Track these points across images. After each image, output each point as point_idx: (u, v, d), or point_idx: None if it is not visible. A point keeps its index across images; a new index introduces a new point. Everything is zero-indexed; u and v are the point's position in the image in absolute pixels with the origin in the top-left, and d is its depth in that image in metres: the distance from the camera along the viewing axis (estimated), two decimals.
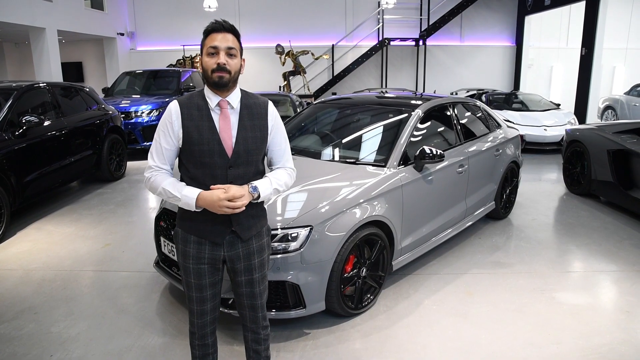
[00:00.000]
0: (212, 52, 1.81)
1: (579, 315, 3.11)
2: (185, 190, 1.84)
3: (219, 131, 1.85)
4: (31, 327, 3.01)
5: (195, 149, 1.83)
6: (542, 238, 4.51)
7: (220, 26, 1.82)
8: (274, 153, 2.02)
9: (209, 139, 1.83)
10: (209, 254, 1.93)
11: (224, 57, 1.80)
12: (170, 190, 1.84)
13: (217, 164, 1.84)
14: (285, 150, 2.05)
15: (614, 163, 5.13)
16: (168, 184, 1.86)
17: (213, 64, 1.80)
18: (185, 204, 1.84)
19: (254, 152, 1.91)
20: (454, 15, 13.83)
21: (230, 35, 1.83)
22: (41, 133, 5.25)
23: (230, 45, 1.81)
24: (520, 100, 10.17)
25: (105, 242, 4.48)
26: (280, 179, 1.99)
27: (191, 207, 1.83)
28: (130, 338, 2.88)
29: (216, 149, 1.83)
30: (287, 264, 2.70)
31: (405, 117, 3.79)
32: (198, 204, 1.82)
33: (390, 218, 3.18)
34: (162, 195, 1.88)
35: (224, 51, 1.81)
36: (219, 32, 1.81)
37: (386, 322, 3.02)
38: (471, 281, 3.59)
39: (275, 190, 1.95)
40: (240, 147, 1.86)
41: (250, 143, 1.89)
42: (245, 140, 1.88)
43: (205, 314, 2.01)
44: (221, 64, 1.79)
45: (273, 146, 2.01)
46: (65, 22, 11.33)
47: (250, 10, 14.37)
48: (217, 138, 1.84)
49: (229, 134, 1.86)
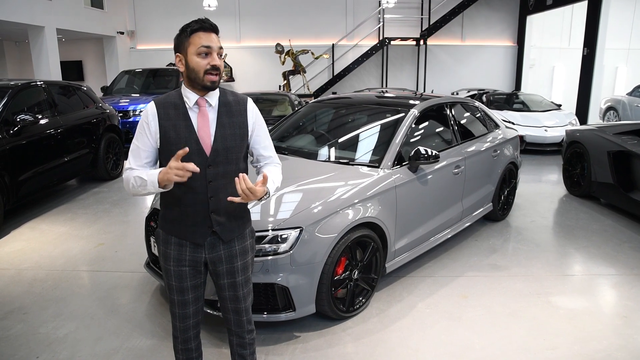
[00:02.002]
0: (205, 52, 1.75)
1: (575, 319, 3.05)
2: (150, 172, 1.74)
3: (197, 130, 1.80)
4: (19, 327, 2.98)
5: (172, 148, 1.77)
6: (540, 240, 4.45)
7: (208, 25, 1.76)
8: (259, 150, 1.98)
9: (186, 138, 1.78)
10: (190, 255, 1.88)
11: (217, 58, 1.76)
12: (139, 175, 1.74)
13: (194, 163, 1.75)
14: (270, 145, 2.02)
15: (615, 165, 5.06)
16: (137, 173, 1.76)
17: (206, 65, 1.74)
18: (152, 185, 1.71)
19: (234, 150, 1.86)
20: (455, 15, 13.76)
21: (215, 34, 1.78)
22: (36, 132, 5.22)
23: (220, 45, 1.78)
24: (521, 100, 10.11)
25: (98, 241, 4.44)
26: (278, 177, 1.97)
27: (156, 187, 1.71)
28: (118, 340, 2.84)
29: (194, 147, 1.78)
30: (277, 266, 2.65)
31: (401, 117, 3.74)
32: (161, 180, 1.68)
33: (383, 220, 3.13)
34: (135, 189, 1.77)
35: (216, 51, 1.76)
36: (208, 32, 1.75)
37: (378, 325, 2.97)
38: (466, 284, 3.54)
39: (276, 189, 1.93)
40: (219, 145, 1.82)
41: (230, 141, 1.84)
42: (224, 138, 1.83)
43: (188, 317, 1.97)
44: (217, 65, 1.75)
45: (257, 143, 1.96)
46: (64, 21, 11.29)
47: (250, 8, 14.32)
48: (195, 137, 1.79)
49: (207, 132, 1.81)
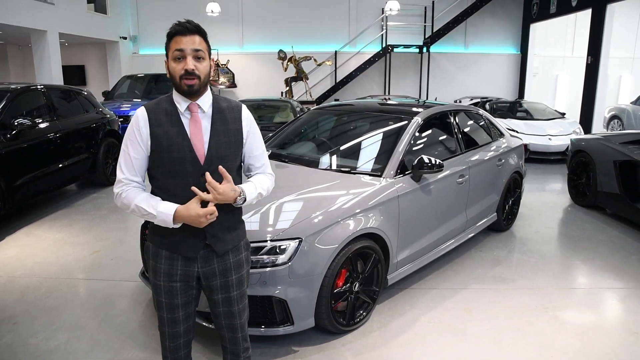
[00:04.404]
0: (178, 57, 1.66)
1: (584, 336, 2.94)
2: (162, 206, 1.68)
3: (190, 136, 1.71)
4: (8, 338, 2.89)
5: (164, 156, 1.70)
6: (545, 252, 4.35)
7: (184, 28, 1.66)
8: (251, 158, 1.89)
9: (179, 145, 1.70)
10: (182, 270, 1.79)
11: (192, 61, 1.66)
12: (144, 207, 1.68)
13: (188, 172, 1.70)
14: (263, 154, 1.93)
15: (621, 174, 4.97)
16: (141, 200, 1.70)
17: (180, 70, 1.66)
18: (162, 222, 1.69)
19: (228, 159, 1.77)
20: (458, 23, 13.72)
21: (197, 36, 1.68)
22: (34, 136, 5.16)
23: (196, 47, 1.66)
24: (524, 109, 10.04)
25: (94, 248, 4.36)
26: (263, 184, 1.88)
27: (168, 225, 1.69)
28: (110, 352, 2.74)
29: (187, 156, 1.70)
30: (275, 278, 2.56)
31: (404, 124, 3.66)
32: (176, 221, 1.68)
33: (385, 230, 3.03)
34: (135, 213, 1.71)
35: (191, 55, 1.66)
36: (183, 35, 1.66)
37: (379, 340, 2.87)
38: (470, 297, 3.43)
39: (259, 195, 1.84)
40: (213, 154, 1.73)
41: (224, 149, 1.76)
42: (219, 146, 1.75)
43: (178, 336, 1.87)
44: (189, 69, 1.65)
45: (250, 152, 1.88)
46: (67, 25, 11.29)
47: (253, 15, 14.32)
48: (189, 144, 1.71)
49: (201, 139, 1.72)
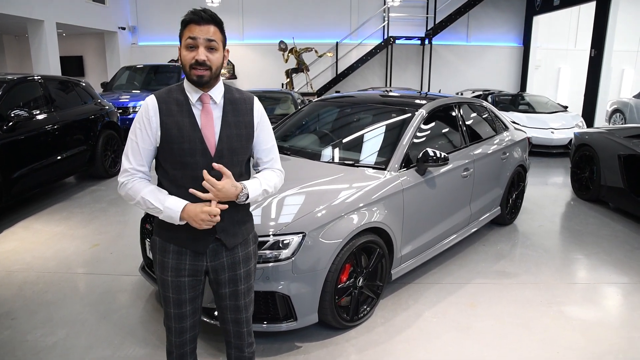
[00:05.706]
0: (190, 45, 1.61)
1: (589, 332, 2.91)
2: (169, 201, 1.63)
3: (201, 128, 1.66)
4: (6, 334, 2.84)
5: (174, 147, 1.64)
6: (548, 246, 4.31)
7: (198, 17, 1.60)
8: (260, 152, 1.83)
9: (190, 137, 1.64)
10: (190, 264, 1.74)
11: (204, 52, 1.60)
12: (150, 200, 1.64)
13: (198, 164, 1.64)
14: (272, 148, 1.87)
15: (625, 168, 4.93)
16: (148, 193, 1.65)
17: (191, 59, 1.61)
18: (168, 217, 1.64)
19: (239, 152, 1.72)
20: (460, 14, 13.60)
21: (212, 26, 1.62)
22: (31, 128, 5.08)
23: (210, 37, 1.61)
24: (526, 101, 9.96)
25: (93, 242, 4.30)
26: (270, 180, 1.81)
27: (174, 221, 1.64)
28: (110, 348, 2.70)
29: (198, 147, 1.65)
30: (278, 274, 2.51)
31: (408, 117, 3.60)
32: (183, 217, 1.63)
33: (389, 225, 2.98)
34: (140, 206, 1.66)
35: (204, 45, 1.60)
36: (197, 24, 1.60)
37: (383, 335, 2.83)
38: (474, 292, 3.40)
39: (264, 192, 1.77)
40: (224, 146, 1.68)
41: (235, 141, 1.71)
42: (230, 138, 1.69)
43: (184, 332, 1.83)
44: (200, 60, 1.60)
45: (259, 145, 1.82)
46: (64, 15, 11.14)
47: (253, 5, 14.18)
48: (200, 136, 1.65)
49: (212, 131, 1.67)
